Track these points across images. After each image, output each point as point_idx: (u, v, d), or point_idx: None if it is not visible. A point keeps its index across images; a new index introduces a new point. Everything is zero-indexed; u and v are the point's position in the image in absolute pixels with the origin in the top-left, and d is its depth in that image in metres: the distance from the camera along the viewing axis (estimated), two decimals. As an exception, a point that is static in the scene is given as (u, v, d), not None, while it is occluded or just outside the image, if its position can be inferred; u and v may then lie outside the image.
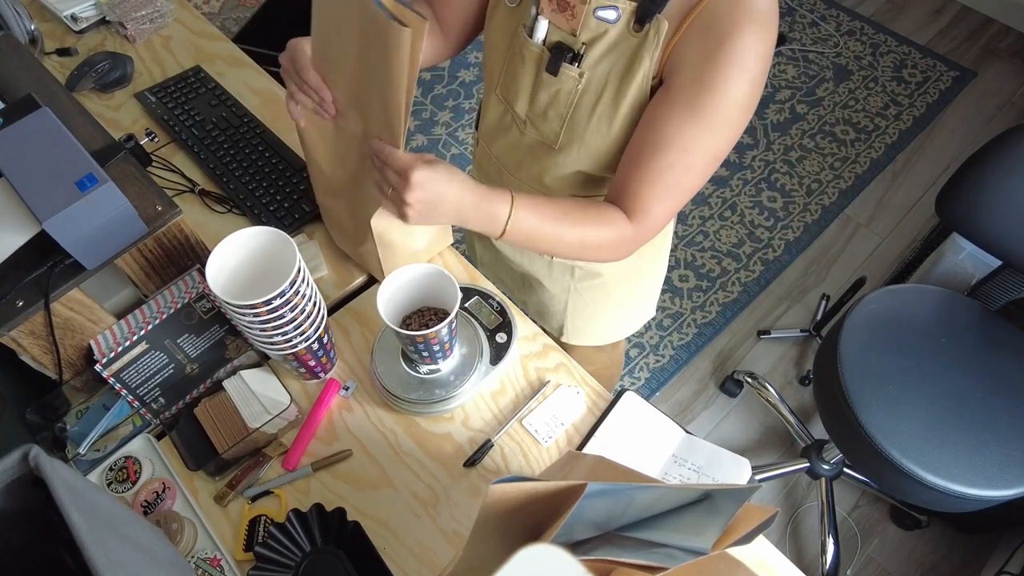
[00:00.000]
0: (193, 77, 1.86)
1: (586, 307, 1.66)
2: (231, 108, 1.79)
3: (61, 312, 1.25)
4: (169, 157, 1.73)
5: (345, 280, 1.54)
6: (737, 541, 0.77)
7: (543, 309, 1.73)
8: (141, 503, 1.27)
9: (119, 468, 1.32)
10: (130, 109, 1.84)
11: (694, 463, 1.28)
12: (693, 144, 1.07)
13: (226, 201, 1.65)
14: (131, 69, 1.87)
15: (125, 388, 1.34)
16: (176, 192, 1.66)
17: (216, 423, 1.34)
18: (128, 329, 1.34)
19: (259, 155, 1.69)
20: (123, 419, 1.39)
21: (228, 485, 1.29)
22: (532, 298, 1.73)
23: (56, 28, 2.01)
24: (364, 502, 1.27)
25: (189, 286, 1.39)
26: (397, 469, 1.31)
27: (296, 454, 1.32)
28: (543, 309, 1.73)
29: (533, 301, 1.74)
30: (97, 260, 1.24)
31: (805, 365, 2.88)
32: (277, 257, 1.21)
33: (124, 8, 1.97)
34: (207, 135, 1.73)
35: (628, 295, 1.66)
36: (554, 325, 1.75)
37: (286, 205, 1.61)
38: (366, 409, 1.38)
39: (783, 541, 2.48)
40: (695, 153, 1.08)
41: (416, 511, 1.26)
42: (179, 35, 2.01)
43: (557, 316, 1.72)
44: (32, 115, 1.26)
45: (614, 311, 1.70)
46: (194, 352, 1.40)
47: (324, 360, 1.36)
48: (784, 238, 3.21)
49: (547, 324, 1.77)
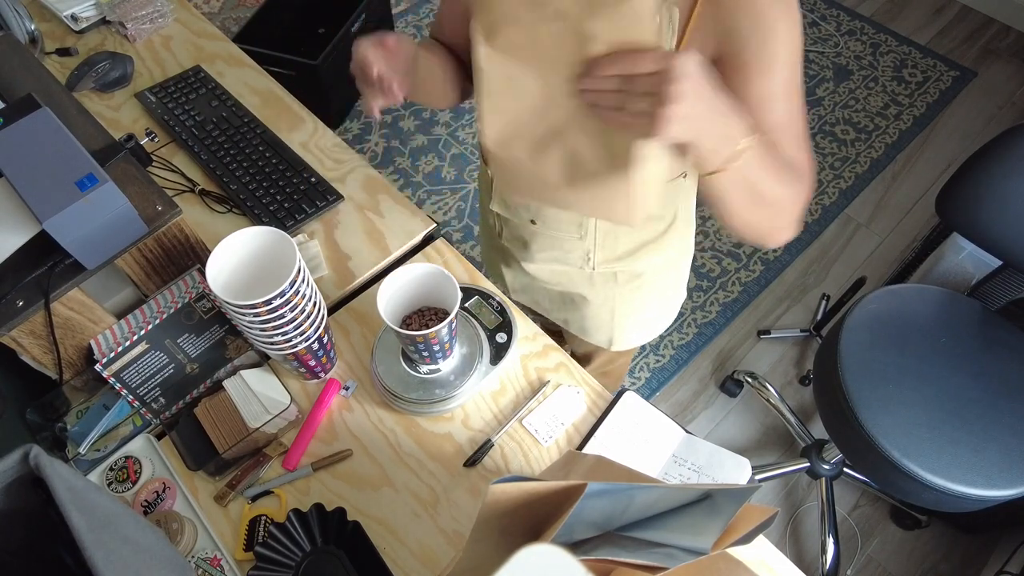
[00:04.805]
0: (193, 77, 1.86)
1: (632, 311, 1.62)
2: (231, 108, 1.78)
3: (61, 312, 1.25)
4: (169, 157, 1.73)
5: (345, 280, 1.54)
6: (737, 541, 0.77)
7: (588, 324, 1.68)
8: (141, 503, 1.27)
9: (119, 468, 1.32)
10: (130, 109, 1.83)
11: (694, 463, 1.27)
12: (785, 88, 1.05)
13: (226, 201, 1.65)
14: (131, 69, 1.87)
15: (125, 388, 1.34)
16: (176, 192, 1.65)
17: (216, 423, 1.34)
18: (128, 329, 1.34)
19: (259, 155, 1.69)
20: (123, 419, 1.38)
21: (228, 485, 1.30)
22: (575, 315, 1.68)
23: (56, 28, 2.01)
24: (364, 502, 1.27)
25: (189, 286, 1.39)
26: (397, 469, 1.31)
27: (296, 454, 1.32)
28: (588, 324, 1.68)
29: (576, 318, 1.68)
30: (97, 260, 1.23)
31: (805, 365, 2.88)
32: (277, 257, 1.21)
33: (124, 8, 1.97)
34: (207, 135, 1.73)
35: (666, 285, 1.62)
36: (602, 338, 1.71)
37: (286, 205, 1.61)
38: (366, 409, 1.38)
39: (783, 541, 2.48)
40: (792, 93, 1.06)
41: (416, 511, 1.26)
42: (179, 35, 2.00)
43: (604, 328, 1.67)
44: (32, 115, 1.26)
45: (656, 305, 1.66)
46: (194, 352, 1.40)
47: (324, 360, 1.36)
48: (784, 237, 3.19)
49: (593, 338, 1.72)
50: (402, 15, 3.98)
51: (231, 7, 3.87)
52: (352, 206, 1.65)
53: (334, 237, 1.61)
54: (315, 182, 1.64)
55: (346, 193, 1.65)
